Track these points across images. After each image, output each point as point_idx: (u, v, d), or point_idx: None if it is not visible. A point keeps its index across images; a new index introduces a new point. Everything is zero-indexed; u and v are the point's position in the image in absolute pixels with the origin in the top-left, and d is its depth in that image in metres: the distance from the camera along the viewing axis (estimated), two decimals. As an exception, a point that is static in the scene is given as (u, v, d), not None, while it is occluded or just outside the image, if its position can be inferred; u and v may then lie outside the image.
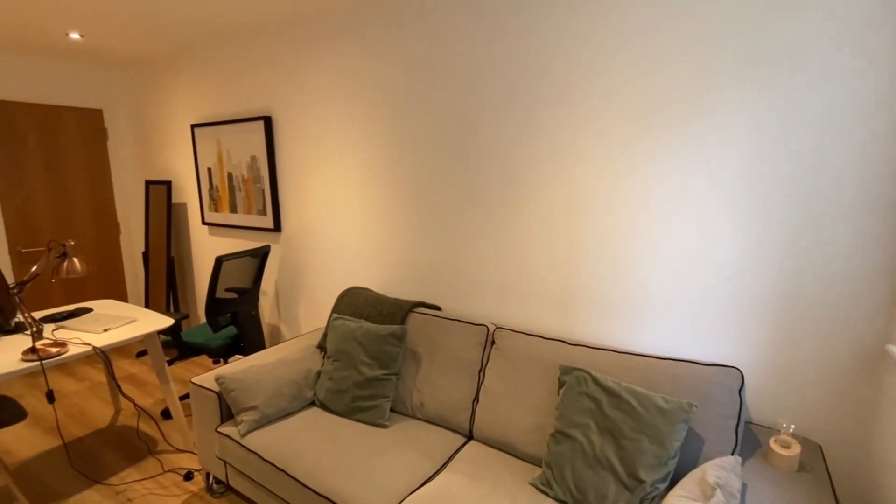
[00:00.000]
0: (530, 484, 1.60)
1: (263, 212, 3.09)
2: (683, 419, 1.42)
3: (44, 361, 1.89)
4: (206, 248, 3.64)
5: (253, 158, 3.05)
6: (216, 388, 1.98)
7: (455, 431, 1.94)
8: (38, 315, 2.42)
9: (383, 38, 2.35)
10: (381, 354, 2.03)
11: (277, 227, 3.05)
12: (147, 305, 3.87)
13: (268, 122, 2.92)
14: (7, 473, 2.02)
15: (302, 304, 3.07)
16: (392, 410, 2.08)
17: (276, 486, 1.74)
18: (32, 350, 1.92)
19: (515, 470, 1.68)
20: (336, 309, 2.42)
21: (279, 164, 2.97)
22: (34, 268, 1.97)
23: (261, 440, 1.82)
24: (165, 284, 3.63)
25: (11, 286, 1.93)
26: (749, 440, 1.60)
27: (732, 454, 1.45)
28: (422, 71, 2.25)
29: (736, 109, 1.57)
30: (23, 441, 2.59)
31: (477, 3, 2.02)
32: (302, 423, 1.92)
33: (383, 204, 2.54)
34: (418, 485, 1.62)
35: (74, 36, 2.91)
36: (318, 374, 2.17)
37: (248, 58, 2.97)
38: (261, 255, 2.87)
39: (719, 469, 1.31)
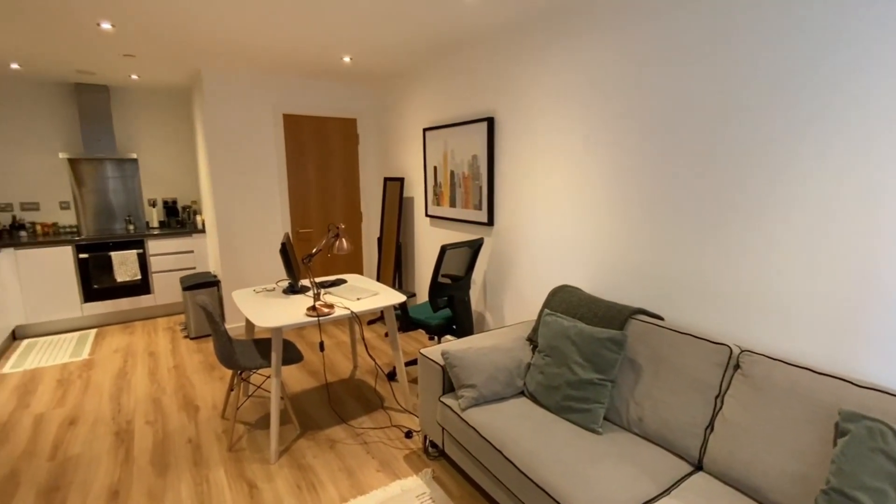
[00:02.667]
0: (786, 543, 1.33)
1: (479, 207, 3.31)
2: None
3: (320, 319, 2.40)
4: (427, 237, 4.10)
5: (474, 157, 3.29)
6: (441, 362, 2.21)
7: (679, 456, 1.74)
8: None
9: (614, 37, 2.24)
10: (596, 358, 1.97)
11: (490, 221, 3.23)
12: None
13: (490, 122, 3.10)
14: (287, 399, 2.63)
15: (508, 296, 3.20)
16: (604, 418, 2.00)
17: (490, 463, 1.84)
18: (313, 308, 2.46)
19: (761, 520, 1.43)
20: (547, 305, 2.43)
21: (497, 162, 3.13)
22: (315, 249, 2.52)
23: (478, 417, 1.96)
24: (393, 266, 4.23)
25: (303, 258, 2.49)
26: None
27: None
28: (660, 66, 2.07)
29: None
30: (294, 378, 3.36)
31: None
32: (515, 410, 2.00)
33: (603, 204, 2.44)
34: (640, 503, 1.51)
35: (346, 59, 3.59)
36: (529, 365, 2.22)
37: (476, 63, 3.20)
38: (476, 246, 3.08)
39: None
